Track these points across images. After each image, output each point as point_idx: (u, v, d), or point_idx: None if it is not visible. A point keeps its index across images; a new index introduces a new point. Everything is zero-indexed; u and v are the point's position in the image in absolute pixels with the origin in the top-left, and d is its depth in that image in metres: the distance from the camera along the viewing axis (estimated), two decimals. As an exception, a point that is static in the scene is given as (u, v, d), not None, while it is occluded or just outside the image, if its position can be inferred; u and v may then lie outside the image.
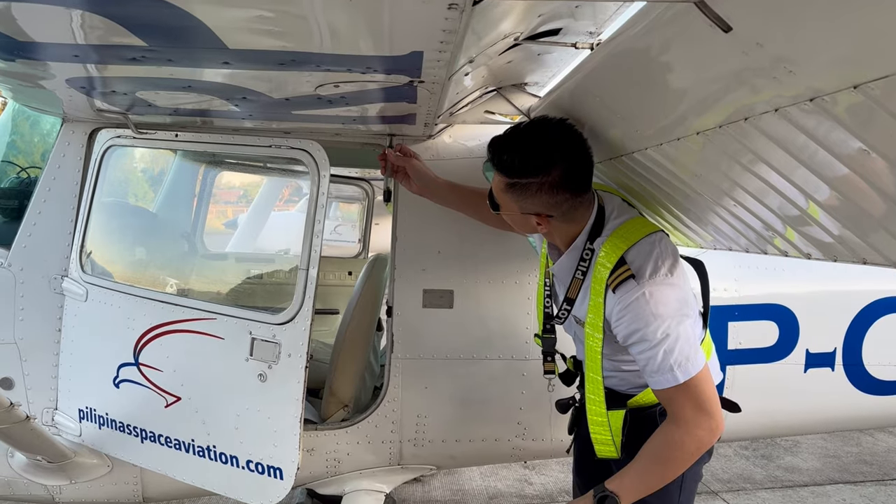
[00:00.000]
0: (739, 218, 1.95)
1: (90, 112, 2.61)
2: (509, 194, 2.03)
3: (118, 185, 3.35)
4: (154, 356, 2.64)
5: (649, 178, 2.18)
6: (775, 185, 1.57)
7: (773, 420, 3.37)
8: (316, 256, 2.47)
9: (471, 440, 3.02)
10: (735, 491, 5.24)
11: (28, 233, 2.86)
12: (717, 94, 1.45)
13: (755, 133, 1.42)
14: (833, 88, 1.12)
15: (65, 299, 2.81)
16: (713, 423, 1.93)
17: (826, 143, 1.28)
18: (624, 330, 1.96)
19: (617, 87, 1.86)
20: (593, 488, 1.99)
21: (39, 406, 2.86)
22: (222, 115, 2.47)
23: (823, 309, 3.41)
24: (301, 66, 1.64)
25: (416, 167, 2.65)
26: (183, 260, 4.10)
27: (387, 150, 2.71)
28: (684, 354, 1.90)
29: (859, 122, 1.15)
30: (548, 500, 4.99)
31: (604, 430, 2.13)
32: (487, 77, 2.26)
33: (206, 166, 4.54)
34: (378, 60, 1.59)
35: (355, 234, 6.30)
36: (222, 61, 1.62)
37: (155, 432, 2.66)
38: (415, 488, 5.11)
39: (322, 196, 2.48)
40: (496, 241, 2.90)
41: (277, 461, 2.50)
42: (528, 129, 2.01)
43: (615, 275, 1.96)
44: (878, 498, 5.13)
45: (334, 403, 3.10)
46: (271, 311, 2.55)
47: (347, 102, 2.09)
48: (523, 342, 2.94)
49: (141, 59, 1.64)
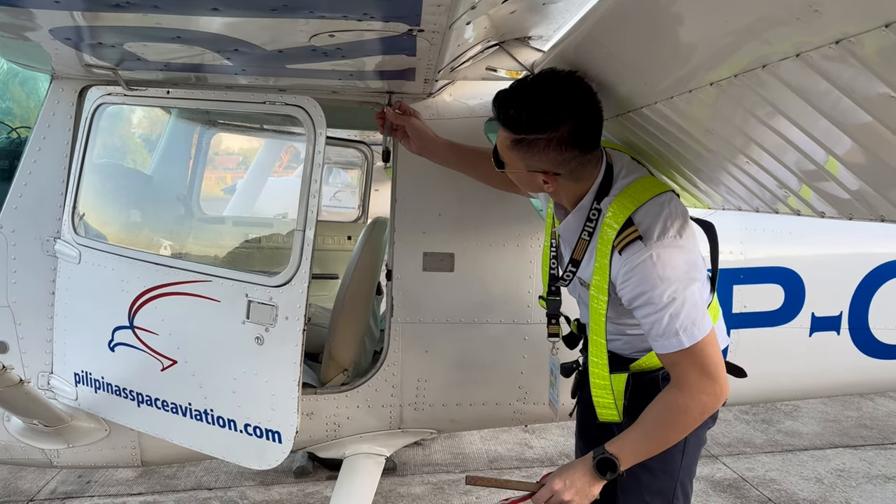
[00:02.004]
0: (752, 176, 1.88)
1: (79, 68, 2.52)
2: (515, 151, 1.95)
3: (111, 145, 3.28)
4: (149, 319, 2.59)
5: (658, 136, 2.10)
6: (793, 139, 1.50)
7: (778, 384, 3.35)
8: (313, 217, 2.41)
9: (471, 404, 3.00)
10: (735, 455, 5.26)
11: (19, 193, 2.79)
12: (733, 40, 1.37)
13: (773, 82, 1.34)
14: (862, 29, 1.04)
15: (58, 262, 2.76)
16: (718, 388, 1.88)
17: (849, 90, 1.20)
18: (629, 293, 1.91)
19: (625, 37, 1.77)
20: (593, 450, 1.96)
21: (35, 370, 2.82)
22: (215, 69, 2.38)
23: (830, 272, 3.36)
24: (294, 12, 1.55)
25: (415, 126, 2.58)
26: (178, 222, 4.04)
27: (385, 108, 2.63)
28: (690, 318, 1.84)
29: (888, 64, 1.07)
30: (548, 464, 5.01)
31: (606, 393, 2.09)
32: (489, 29, 2.17)
33: (202, 126, 4.45)
34: (374, 5, 1.51)
35: (355, 200, 6.23)
36: (210, 7, 1.54)
37: (151, 396, 2.63)
38: (415, 451, 5.13)
39: (318, 155, 2.40)
40: (498, 204, 2.84)
41: (276, 425, 2.47)
42: (535, 83, 1.92)
43: (622, 236, 1.90)
44: (878, 462, 5.15)
45: (334, 367, 3.07)
46: (268, 273, 2.49)
47: (343, 55, 2.01)
48: (525, 306, 2.90)
49: (126, 6, 1.56)
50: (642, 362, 2.12)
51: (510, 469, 4.97)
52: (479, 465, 5.03)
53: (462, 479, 4.70)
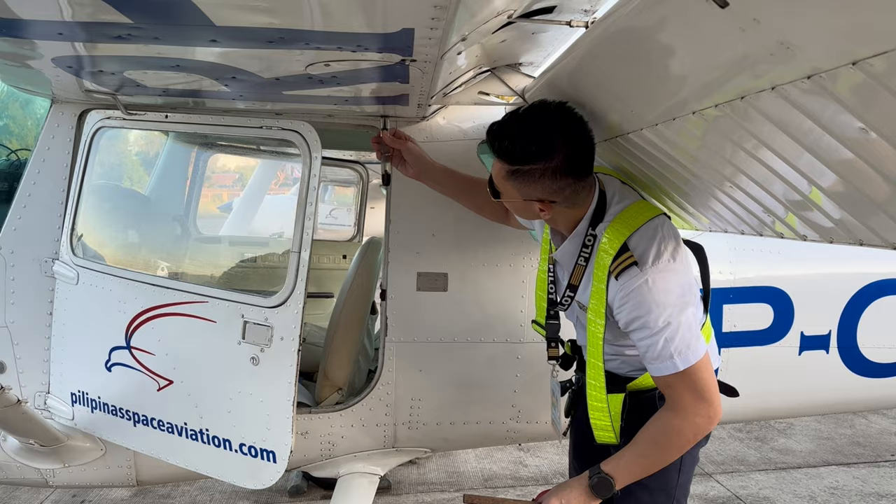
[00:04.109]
0: (739, 202, 1.92)
1: (79, 93, 2.57)
2: (511, 181, 1.98)
3: (109, 168, 3.32)
4: (146, 340, 2.62)
5: (646, 161, 2.15)
6: (776, 168, 1.54)
7: (768, 403, 3.38)
8: (308, 239, 2.45)
9: (465, 423, 3.02)
10: (729, 473, 5.27)
11: (18, 215, 2.83)
12: (712, 72, 1.42)
13: (753, 112, 1.39)
14: (832, 65, 1.10)
15: (56, 282, 2.79)
16: (711, 411, 1.93)
17: (825, 124, 1.25)
18: (626, 317, 1.95)
19: (612, 66, 1.83)
20: (589, 469, 1.99)
21: (32, 390, 2.84)
22: (213, 95, 2.43)
23: (819, 291, 3.40)
24: (291, 44, 1.60)
25: (412, 150, 2.62)
26: (175, 243, 4.07)
27: (381, 133, 2.68)
28: (685, 342, 1.89)
29: (859, 100, 1.12)
30: (543, 482, 5.01)
31: (603, 415, 2.12)
32: (481, 56, 2.23)
33: (199, 148, 4.50)
34: (369, 38, 1.56)
35: (350, 218, 6.27)
36: (210, 39, 1.59)
37: (147, 416, 2.65)
38: (410, 470, 5.13)
39: (314, 178, 2.45)
40: (491, 225, 2.87)
41: (271, 444, 2.50)
42: (527, 115, 1.96)
43: (618, 262, 1.94)
44: (871, 479, 5.17)
45: (328, 387, 3.10)
46: (263, 294, 2.53)
47: (339, 82, 2.06)
48: (518, 325, 2.93)
49: (127, 37, 1.61)
50: (639, 382, 2.15)
51: (505, 487, 4.98)
52: (474, 483, 5.04)
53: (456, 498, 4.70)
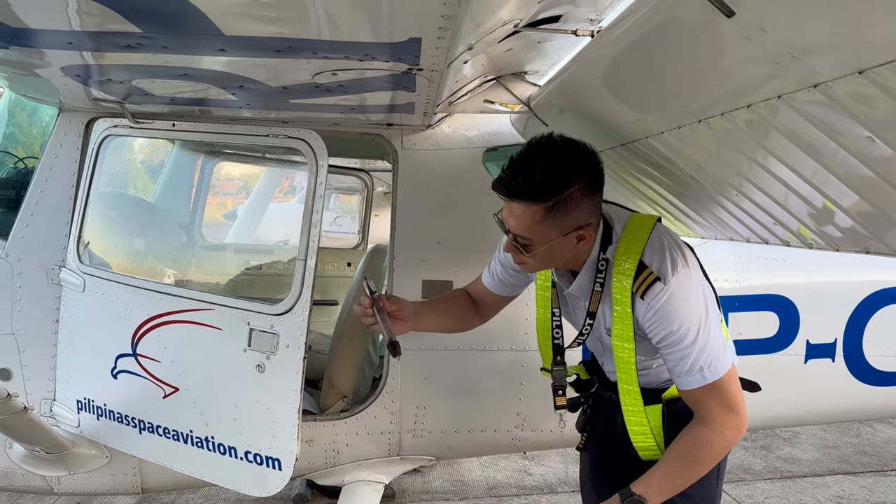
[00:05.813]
0: (745, 210, 1.93)
1: (87, 101, 2.59)
2: (550, 219, 1.87)
3: (116, 176, 3.33)
4: (152, 347, 2.63)
5: (651, 170, 2.16)
6: (783, 177, 1.55)
7: (773, 411, 3.36)
8: (314, 247, 2.45)
9: (470, 431, 3.02)
10: (735, 482, 5.24)
11: (25, 223, 2.84)
12: (718, 81, 1.43)
13: (759, 121, 1.40)
14: (838, 74, 1.10)
15: (62, 290, 2.80)
16: (740, 422, 1.91)
17: (831, 133, 1.26)
18: (658, 334, 1.92)
19: (618, 75, 1.84)
20: (619, 492, 1.95)
21: (38, 397, 2.85)
22: (220, 104, 2.45)
23: (824, 299, 3.39)
24: (298, 53, 1.62)
25: (403, 305, 2.24)
26: (181, 251, 4.08)
27: (374, 306, 2.20)
28: (714, 354, 1.87)
29: (866, 109, 1.13)
30: (547, 491, 4.99)
31: (646, 437, 2.08)
32: (487, 65, 2.24)
33: (205, 156, 4.52)
34: (376, 47, 1.57)
35: (355, 226, 6.29)
36: (218, 48, 1.60)
37: (153, 423, 2.66)
38: (414, 479, 5.11)
39: (320, 186, 2.46)
40: (496, 232, 2.87)
41: (276, 452, 2.50)
42: (536, 150, 1.86)
43: (639, 281, 1.90)
44: (878, 489, 5.14)
45: (333, 394, 3.10)
46: (269, 301, 2.54)
47: (345, 91, 2.07)
48: (523, 333, 2.93)
49: (136, 47, 1.62)
50: (673, 390, 2.09)
51: (509, 496, 4.96)
52: (479, 492, 5.02)
53: (461, 507, 4.68)
